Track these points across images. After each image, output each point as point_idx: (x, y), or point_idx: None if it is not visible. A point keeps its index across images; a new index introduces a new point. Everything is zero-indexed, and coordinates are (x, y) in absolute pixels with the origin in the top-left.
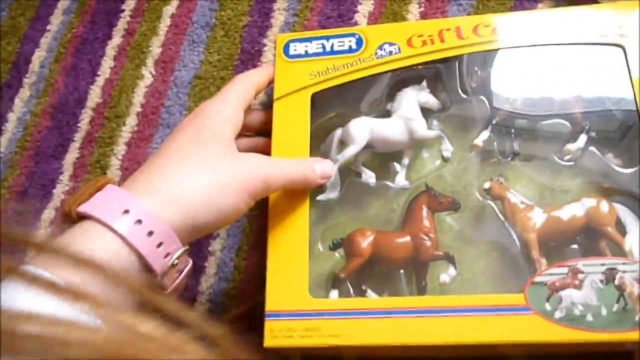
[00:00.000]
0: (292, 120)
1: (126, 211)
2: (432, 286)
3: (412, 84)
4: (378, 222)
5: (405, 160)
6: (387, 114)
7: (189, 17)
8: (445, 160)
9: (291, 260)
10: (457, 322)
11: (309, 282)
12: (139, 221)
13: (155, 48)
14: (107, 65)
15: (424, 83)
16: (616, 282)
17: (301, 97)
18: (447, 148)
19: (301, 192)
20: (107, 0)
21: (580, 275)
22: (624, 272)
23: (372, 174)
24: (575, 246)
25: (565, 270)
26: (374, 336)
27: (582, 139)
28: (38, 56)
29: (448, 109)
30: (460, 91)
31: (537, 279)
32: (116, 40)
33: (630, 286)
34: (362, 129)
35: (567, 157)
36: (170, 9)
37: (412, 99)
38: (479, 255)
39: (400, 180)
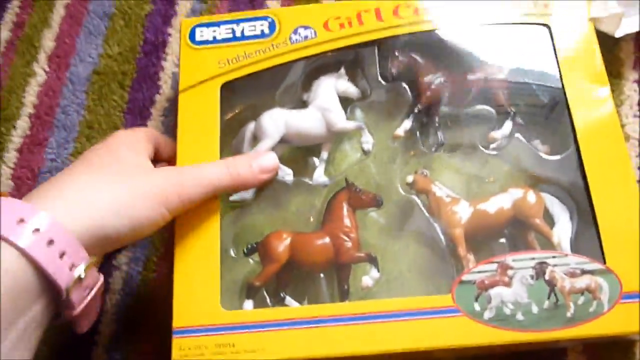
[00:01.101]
0: (200, 115)
1: (21, 220)
2: (355, 289)
3: (329, 72)
4: (297, 222)
5: (324, 155)
6: (303, 105)
7: (85, 7)
8: (365, 153)
9: (200, 268)
10: (383, 329)
11: (221, 292)
12: (37, 229)
13: (48, 42)
14: None
15: (342, 70)
16: (546, 277)
17: (209, 88)
18: (367, 140)
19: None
20: None
21: (509, 272)
22: (554, 265)
23: (289, 171)
24: (503, 240)
25: (494, 266)
26: (294, 349)
27: (508, 125)
28: None
29: (368, 97)
30: (380, 78)
31: (465, 277)
32: (3, 34)
33: (561, 281)
34: (275, 122)
35: (492, 146)
36: None
37: (330, 88)
38: (404, 253)
39: (319, 176)
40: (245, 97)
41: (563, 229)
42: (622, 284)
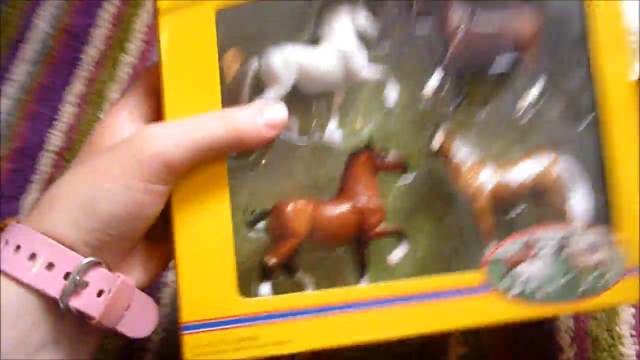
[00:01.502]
0: (191, 47)
1: (6, 242)
2: (375, 266)
3: (344, 2)
4: (305, 189)
5: (336, 105)
6: (315, 40)
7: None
8: (387, 110)
9: (209, 249)
10: (413, 312)
11: (238, 276)
12: (18, 247)
13: (113, 93)
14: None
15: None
16: (566, 252)
17: (201, 14)
18: (392, 94)
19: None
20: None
21: (534, 247)
22: (574, 239)
23: (294, 123)
24: (527, 212)
25: (521, 241)
26: (327, 338)
27: (539, 84)
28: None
29: (386, 40)
30: (401, 13)
31: (493, 254)
32: (79, 88)
33: (578, 256)
34: (287, 64)
35: (522, 105)
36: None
37: (348, 24)
38: (427, 226)
39: (333, 131)
40: (241, 29)
41: (584, 201)
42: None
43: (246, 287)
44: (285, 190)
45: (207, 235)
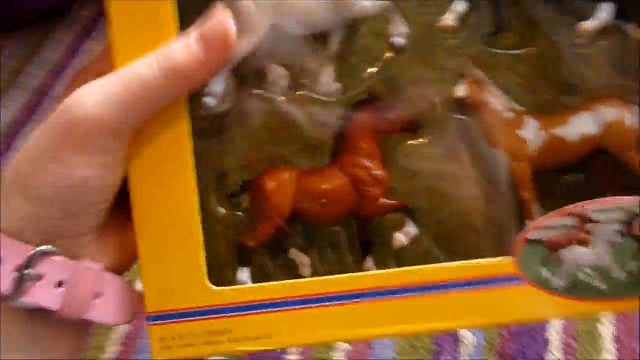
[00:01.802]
0: None
1: None
2: (383, 251)
3: None
4: (295, 154)
5: (332, 50)
6: None
7: None
8: (396, 51)
9: (174, 230)
10: (424, 304)
11: (210, 261)
12: None
13: None
14: None
15: None
16: (637, 231)
17: None
18: (400, 31)
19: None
20: None
21: (589, 226)
22: None
23: (284, 72)
24: (582, 180)
25: (571, 220)
26: (311, 333)
27: (607, 9)
28: None
29: None
30: None
31: (531, 234)
32: None
33: None
34: (260, 4)
35: (580, 40)
36: None
37: None
38: (449, 200)
39: (328, 81)
40: None
41: None
42: None
43: (222, 274)
44: (268, 157)
45: (170, 213)
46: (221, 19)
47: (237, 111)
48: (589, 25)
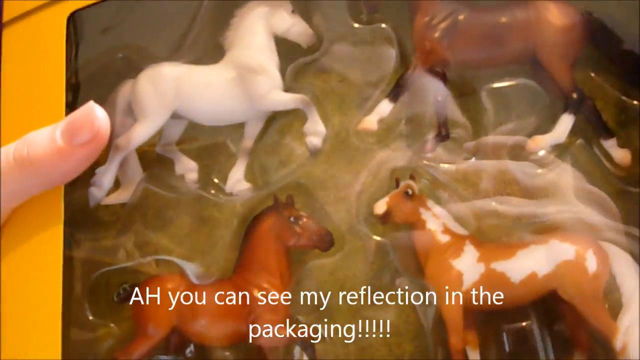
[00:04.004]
0: (34, 64)
1: None
2: None
3: None
4: (194, 259)
5: (246, 145)
6: (215, 55)
7: None
8: (311, 152)
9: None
10: None
11: None
12: None
13: None
14: None
15: None
16: None
17: (49, 18)
18: (316, 130)
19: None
20: None
21: None
22: None
23: (193, 165)
24: (531, 326)
25: None
26: None
27: (566, 121)
28: None
29: (324, 50)
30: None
31: None
32: None
33: None
34: (160, 91)
35: (535, 154)
36: None
37: (259, 26)
38: (363, 333)
39: (237, 180)
40: (112, 37)
41: (635, 316)
42: None
43: None
44: (161, 260)
45: (33, 311)
46: (89, 110)
47: (137, 203)
48: (544, 138)
